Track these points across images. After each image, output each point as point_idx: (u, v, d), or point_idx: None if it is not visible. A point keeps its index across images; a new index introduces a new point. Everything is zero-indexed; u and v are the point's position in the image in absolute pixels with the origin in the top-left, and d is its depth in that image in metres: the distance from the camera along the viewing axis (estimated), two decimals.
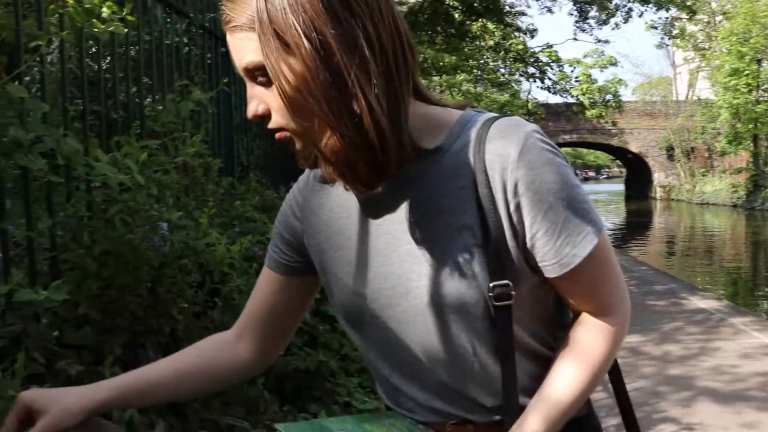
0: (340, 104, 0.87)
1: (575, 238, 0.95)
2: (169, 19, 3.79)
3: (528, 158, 0.93)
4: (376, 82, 0.88)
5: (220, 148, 4.41)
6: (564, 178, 0.95)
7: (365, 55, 0.87)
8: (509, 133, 0.95)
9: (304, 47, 0.85)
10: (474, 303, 0.96)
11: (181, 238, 2.40)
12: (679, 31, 23.74)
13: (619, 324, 1.01)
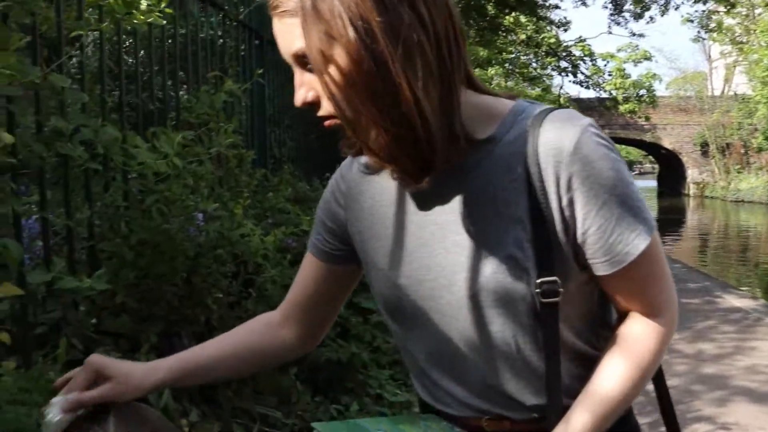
0: (385, 96, 0.85)
1: (628, 236, 0.93)
2: (204, 11, 3.82)
3: (583, 153, 0.91)
4: (422, 73, 0.86)
5: (253, 139, 4.43)
6: (619, 175, 0.92)
7: (413, 44, 0.85)
8: (564, 126, 0.93)
9: (348, 36, 0.83)
10: (520, 298, 0.93)
11: (216, 229, 2.42)
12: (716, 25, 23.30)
13: (667, 324, 1.00)
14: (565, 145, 0.91)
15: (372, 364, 2.91)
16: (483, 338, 0.97)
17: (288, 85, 5.80)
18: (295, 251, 3.02)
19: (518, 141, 0.94)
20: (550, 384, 0.97)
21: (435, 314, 1.00)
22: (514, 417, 1.00)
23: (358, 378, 2.85)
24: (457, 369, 1.01)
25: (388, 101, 0.86)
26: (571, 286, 0.95)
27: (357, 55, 0.84)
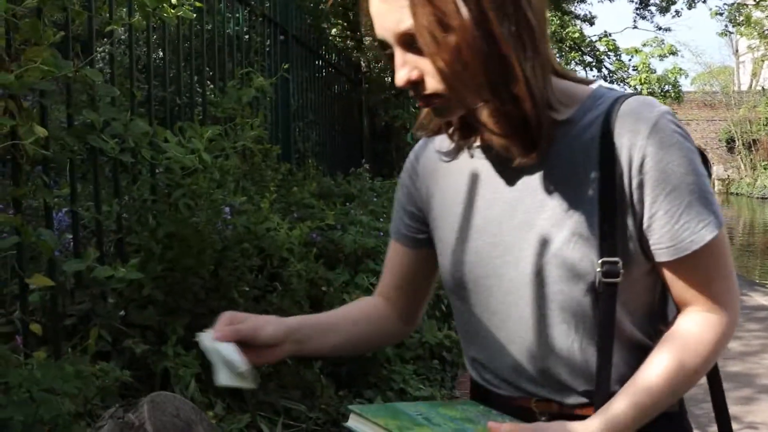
0: (497, 75, 0.87)
1: (695, 225, 0.92)
2: (230, 7, 3.84)
3: (658, 137, 0.91)
4: (530, 52, 0.88)
5: (278, 134, 4.45)
6: (692, 164, 0.93)
7: (521, 23, 0.87)
8: (641, 110, 0.93)
9: (461, 16, 0.84)
10: (582, 277, 0.94)
11: (242, 223, 2.44)
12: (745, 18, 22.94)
13: (726, 321, 0.97)
14: (641, 128, 0.92)
15: (396, 359, 2.91)
16: (541, 318, 0.98)
17: (312, 81, 5.82)
18: (320, 245, 3.04)
19: (594, 124, 0.95)
20: (601, 369, 0.96)
21: (497, 291, 1.00)
22: (563, 401, 1.00)
23: (381, 373, 2.85)
24: (512, 349, 1.02)
25: (500, 80, 0.87)
26: (633, 272, 0.95)
27: (470, 34, 0.85)
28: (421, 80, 0.91)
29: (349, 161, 6.23)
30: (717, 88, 39.17)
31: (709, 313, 0.97)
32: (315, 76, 6.01)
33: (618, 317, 0.96)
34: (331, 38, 7.31)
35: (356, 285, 2.87)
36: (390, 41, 0.91)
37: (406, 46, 0.90)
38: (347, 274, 2.96)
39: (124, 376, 1.79)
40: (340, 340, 1.12)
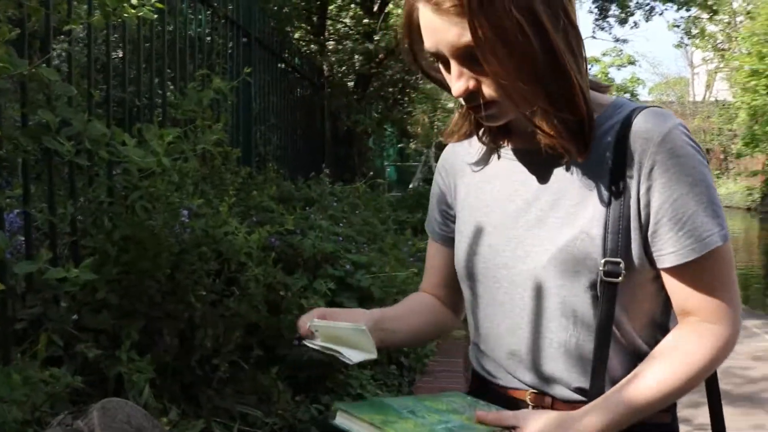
0: (555, 82, 0.91)
1: (700, 234, 0.95)
2: (193, 8, 3.81)
3: (670, 146, 0.95)
4: (580, 58, 0.93)
5: (239, 137, 4.42)
6: (701, 175, 0.95)
7: (570, 31, 0.91)
8: (656, 120, 0.97)
9: (519, 27, 0.87)
10: (584, 275, 0.97)
11: (200, 226, 2.42)
12: (699, 31, 23.57)
13: (725, 333, 0.98)
14: (654, 135, 0.96)
15: (354, 365, 2.91)
16: (542, 311, 1.01)
17: (274, 84, 5.80)
18: (278, 250, 3.02)
19: (612, 130, 0.99)
20: (596, 368, 0.99)
21: (505, 283, 1.04)
22: (556, 395, 1.03)
23: (338, 378, 2.85)
24: (512, 340, 1.05)
25: (558, 87, 0.92)
26: (636, 276, 0.98)
27: (529, 45, 0.88)
28: (478, 90, 0.95)
29: (310, 165, 6.22)
30: (673, 98, 40.11)
31: (708, 324, 0.98)
32: (277, 80, 5.99)
33: (617, 319, 0.99)
34: (294, 42, 7.29)
35: (314, 290, 2.86)
36: (445, 53, 0.93)
37: (463, 58, 0.92)
38: (306, 279, 2.96)
39: (75, 382, 1.76)
40: (410, 331, 1.20)
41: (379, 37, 7.56)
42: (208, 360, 2.51)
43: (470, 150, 1.13)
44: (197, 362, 2.46)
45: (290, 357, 2.81)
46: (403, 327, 1.17)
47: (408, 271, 3.53)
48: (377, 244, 3.93)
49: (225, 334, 2.52)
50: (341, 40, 8.27)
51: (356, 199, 4.70)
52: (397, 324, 1.16)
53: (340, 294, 3.08)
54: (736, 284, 0.99)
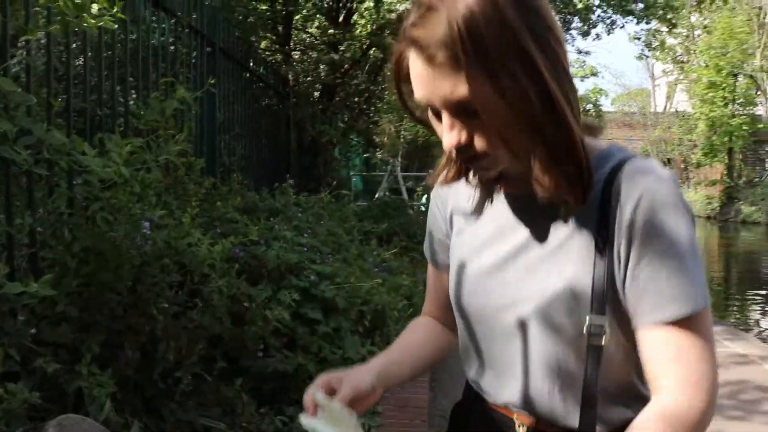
0: (555, 134, 0.89)
1: (676, 295, 0.91)
2: (156, 16, 3.78)
3: (653, 203, 0.92)
4: (576, 108, 0.91)
5: (203, 147, 4.39)
6: (683, 234, 0.92)
7: (566, 81, 0.90)
8: (643, 174, 0.94)
9: (519, 84, 0.85)
10: (570, 329, 0.96)
11: (163, 237, 2.39)
12: (659, 44, 24.05)
13: (695, 411, 0.91)
14: (638, 191, 0.93)
15: (318, 375, 2.90)
16: (530, 361, 1.01)
17: (239, 94, 5.77)
18: (242, 261, 3.00)
19: (599, 182, 0.96)
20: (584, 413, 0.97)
21: (494, 326, 1.04)
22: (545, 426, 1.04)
23: (304, 389, 2.83)
24: (501, 375, 1.06)
25: (557, 137, 0.89)
26: (621, 331, 0.96)
27: (526, 96, 0.86)
28: (471, 142, 0.92)
29: (275, 175, 6.20)
30: (635, 109, 40.84)
31: (677, 396, 0.92)
32: (242, 89, 5.97)
33: (602, 373, 0.96)
34: (259, 51, 7.27)
35: (279, 301, 2.85)
36: (438, 106, 0.91)
37: (456, 111, 0.90)
38: (270, 289, 2.94)
39: (33, 398, 1.73)
40: (415, 365, 1.19)
41: (345, 47, 7.58)
42: (170, 373, 2.48)
43: (465, 186, 1.10)
44: (159, 375, 2.44)
45: (254, 368, 2.79)
46: (406, 366, 1.17)
47: (373, 282, 3.54)
48: (342, 254, 3.92)
49: (188, 346, 2.49)
50: (306, 50, 8.27)
51: (321, 209, 4.69)
52: (399, 366, 1.16)
53: (305, 305, 3.07)
54: (713, 356, 0.93)
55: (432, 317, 1.26)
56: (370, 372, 1.09)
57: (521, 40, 0.85)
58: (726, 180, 30.78)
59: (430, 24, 0.86)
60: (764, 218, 26.68)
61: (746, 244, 21.84)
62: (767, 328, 9.04)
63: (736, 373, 5.32)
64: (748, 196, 28.75)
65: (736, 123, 29.05)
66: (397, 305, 3.73)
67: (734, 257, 18.57)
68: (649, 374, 0.95)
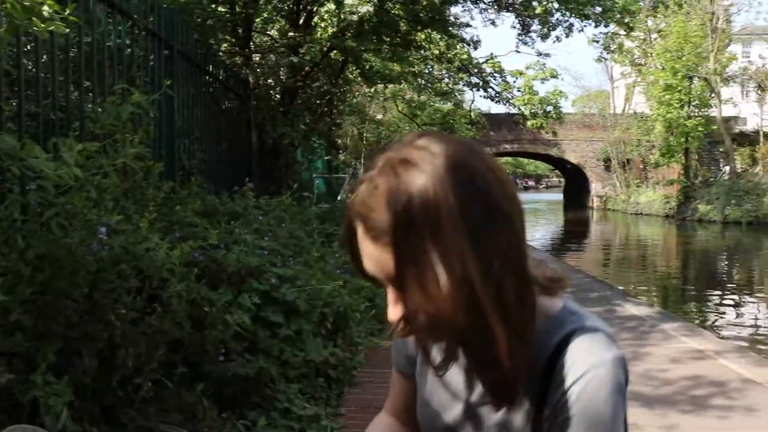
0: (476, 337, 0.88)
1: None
2: (112, 19, 3.73)
3: (590, 385, 0.93)
4: (518, 301, 0.89)
5: (161, 151, 4.35)
6: (614, 421, 0.93)
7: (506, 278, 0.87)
8: (583, 355, 0.94)
9: (441, 283, 0.84)
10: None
11: (120, 243, 2.37)
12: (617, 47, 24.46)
13: None
14: (570, 375, 0.93)
15: (280, 378, 2.90)
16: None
17: (198, 97, 5.72)
18: (202, 265, 2.98)
19: (547, 350, 0.97)
20: None
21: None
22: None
23: (265, 392, 2.83)
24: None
25: (479, 342, 0.89)
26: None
27: (451, 299, 0.85)
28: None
29: (236, 178, 6.16)
30: (595, 111, 41.49)
31: None
32: (202, 92, 5.92)
33: None
34: (219, 54, 7.22)
35: (239, 305, 2.84)
36: (382, 280, 0.91)
37: (398, 286, 0.90)
38: (230, 293, 2.93)
39: None
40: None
41: (305, 50, 7.57)
42: (130, 379, 2.45)
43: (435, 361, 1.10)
44: (118, 382, 2.41)
45: (215, 373, 2.77)
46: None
47: (334, 284, 3.54)
48: (303, 257, 3.92)
49: (147, 352, 2.47)
50: (267, 53, 8.24)
51: (282, 212, 4.68)
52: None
53: (266, 308, 3.06)
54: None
55: (396, 418, 1.26)
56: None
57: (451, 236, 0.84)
58: (683, 180, 31.48)
59: (373, 204, 0.87)
60: (719, 217, 27.35)
61: (702, 242, 22.35)
62: (723, 324, 9.28)
63: (692, 369, 5.45)
64: (704, 196, 29.45)
65: (692, 124, 29.74)
66: (359, 307, 3.74)
67: (691, 255, 18.99)
68: None
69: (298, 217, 4.98)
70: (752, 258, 17.94)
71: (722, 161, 31.79)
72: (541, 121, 24.91)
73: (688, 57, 29.05)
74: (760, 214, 25.67)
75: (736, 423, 4.20)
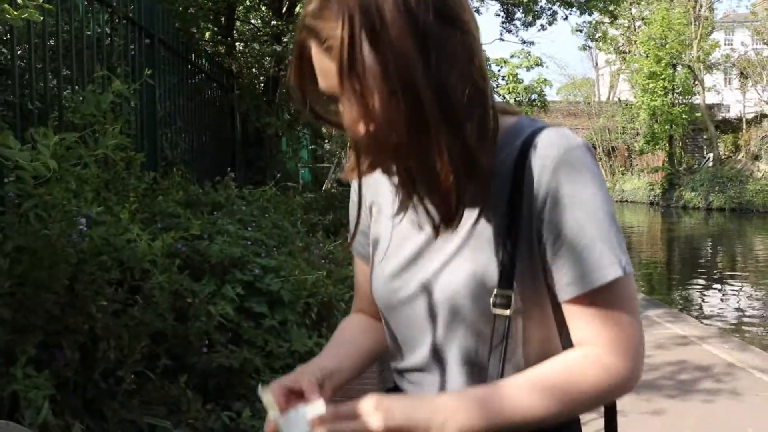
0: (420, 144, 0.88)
1: (598, 263, 0.91)
2: (91, 7, 3.68)
3: (566, 171, 0.92)
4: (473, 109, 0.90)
5: (143, 141, 4.30)
6: (599, 202, 0.92)
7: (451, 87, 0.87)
8: (553, 144, 0.93)
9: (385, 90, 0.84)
10: (481, 307, 0.96)
11: (100, 234, 2.34)
12: (602, 35, 24.53)
13: (622, 374, 0.93)
14: (550, 162, 0.92)
15: (265, 369, 2.88)
16: (447, 340, 1.00)
17: (181, 86, 5.67)
18: (185, 256, 2.96)
19: (510, 157, 0.95)
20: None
21: (411, 314, 1.03)
22: None
23: (250, 383, 2.82)
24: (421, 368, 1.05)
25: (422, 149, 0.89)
26: (534, 306, 0.96)
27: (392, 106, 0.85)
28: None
29: (220, 169, 6.11)
30: (580, 99, 41.65)
31: (605, 354, 0.93)
32: (184, 82, 5.85)
33: (512, 348, 0.97)
34: (201, 43, 7.15)
35: (223, 295, 2.82)
36: (337, 94, 0.90)
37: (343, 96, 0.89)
38: (214, 284, 2.91)
39: None
40: (356, 363, 1.15)
41: (288, 39, 7.51)
42: (112, 372, 2.43)
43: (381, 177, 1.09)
44: (101, 375, 2.38)
45: (199, 365, 2.75)
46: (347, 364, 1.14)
47: (318, 274, 3.53)
48: (288, 247, 3.90)
49: (130, 344, 2.44)
50: (250, 42, 8.17)
51: (266, 202, 4.65)
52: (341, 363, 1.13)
53: (250, 299, 3.04)
54: (638, 319, 0.95)
55: (363, 314, 1.24)
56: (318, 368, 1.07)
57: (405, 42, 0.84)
58: (667, 167, 31.69)
59: (326, 15, 0.87)
60: (703, 204, 27.58)
61: (687, 229, 22.54)
62: (707, 310, 9.36)
63: (677, 354, 5.50)
64: (688, 183, 29.68)
65: (676, 112, 29.93)
66: (344, 297, 3.73)
67: (676, 241, 19.15)
68: (576, 341, 0.96)
69: (282, 207, 4.95)
70: (735, 244, 18.12)
71: (706, 148, 32.03)
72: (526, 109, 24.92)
73: (671, 44, 29.19)
74: (743, 200, 25.93)
75: (721, 407, 4.25)
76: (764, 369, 5.06)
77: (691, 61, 29.79)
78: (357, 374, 1.17)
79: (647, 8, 31.32)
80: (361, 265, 1.21)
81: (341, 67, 0.85)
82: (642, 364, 0.96)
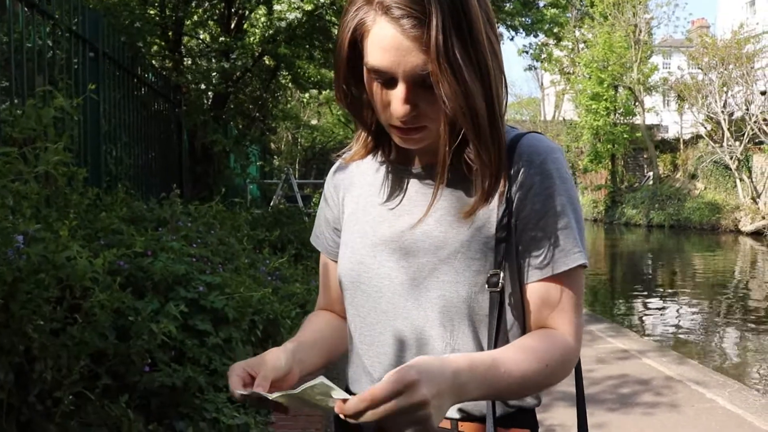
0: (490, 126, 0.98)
1: (567, 250, 1.02)
2: (32, 19, 3.61)
3: (546, 169, 1.03)
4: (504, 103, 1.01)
5: (87, 157, 4.23)
6: (572, 199, 1.04)
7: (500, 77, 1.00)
8: (537, 145, 1.06)
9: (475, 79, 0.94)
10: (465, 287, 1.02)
11: (38, 251, 2.29)
12: (547, 56, 25.10)
13: (573, 352, 1.04)
14: (535, 158, 1.04)
15: (208, 388, 2.85)
16: (424, 318, 1.04)
17: (126, 101, 5.59)
18: (127, 273, 2.91)
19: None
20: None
21: (388, 291, 1.07)
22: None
23: (193, 402, 2.78)
24: (395, 350, 1.07)
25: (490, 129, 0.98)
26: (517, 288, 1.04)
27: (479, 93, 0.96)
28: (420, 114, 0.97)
29: (166, 184, 6.03)
30: (526, 117, 42.46)
31: (563, 335, 1.04)
32: (130, 96, 5.78)
33: (501, 326, 1.04)
34: (148, 57, 7.06)
35: (166, 313, 2.78)
36: (398, 76, 0.95)
37: (416, 84, 0.95)
38: (156, 302, 2.86)
39: None
40: (324, 352, 1.18)
41: (236, 55, 7.48)
42: (49, 393, 2.37)
43: (360, 166, 1.17)
44: (37, 396, 2.32)
45: (141, 384, 2.71)
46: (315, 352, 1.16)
47: (264, 291, 3.51)
48: (233, 263, 3.87)
49: (68, 364, 2.39)
50: (197, 58, 8.10)
51: (212, 218, 4.61)
52: (309, 351, 1.15)
53: (194, 316, 3.01)
54: (582, 310, 1.07)
55: (330, 311, 1.27)
56: (285, 351, 1.09)
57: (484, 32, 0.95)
58: (610, 185, 32.48)
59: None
60: (644, 220, 28.34)
61: (629, 245, 23.12)
62: (647, 324, 9.61)
63: (618, 368, 5.62)
64: (630, 200, 30.46)
65: (618, 131, 30.73)
66: (290, 314, 3.72)
67: (618, 257, 19.61)
68: (535, 323, 1.05)
69: (228, 224, 4.91)
70: (674, 259, 18.65)
71: (646, 167, 32.99)
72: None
73: (613, 67, 30.06)
74: (681, 217, 26.74)
75: (660, 419, 4.36)
76: (701, 381, 5.22)
77: (631, 83, 30.69)
78: (325, 362, 1.20)
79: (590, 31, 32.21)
80: (328, 263, 1.25)
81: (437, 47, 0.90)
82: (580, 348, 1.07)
